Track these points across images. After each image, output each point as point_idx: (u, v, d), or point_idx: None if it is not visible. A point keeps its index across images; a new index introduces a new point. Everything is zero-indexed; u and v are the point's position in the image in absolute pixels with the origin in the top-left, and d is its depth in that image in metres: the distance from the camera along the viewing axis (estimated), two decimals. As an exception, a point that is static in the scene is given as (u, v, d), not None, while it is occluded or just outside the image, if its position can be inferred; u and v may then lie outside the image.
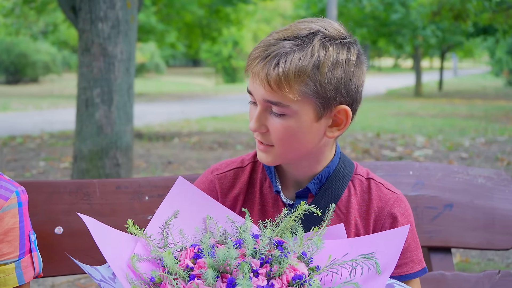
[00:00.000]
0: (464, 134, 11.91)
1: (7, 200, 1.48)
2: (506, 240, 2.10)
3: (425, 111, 18.59)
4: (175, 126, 13.54)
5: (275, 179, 1.58)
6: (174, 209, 1.46)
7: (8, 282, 1.47)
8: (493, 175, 2.19)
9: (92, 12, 5.38)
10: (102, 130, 5.48)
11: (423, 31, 27.69)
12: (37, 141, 10.77)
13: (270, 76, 1.38)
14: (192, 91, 28.75)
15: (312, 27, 1.43)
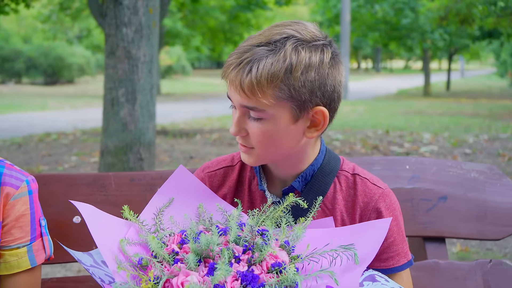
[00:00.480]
0: (468, 131, 11.83)
1: (18, 189, 1.48)
2: (497, 231, 2.09)
3: (433, 110, 18.50)
4: (198, 124, 13.59)
5: (260, 178, 1.55)
6: (170, 196, 1.45)
7: (21, 264, 1.48)
8: (485, 170, 2.17)
9: (117, 18, 5.39)
10: (127, 127, 5.50)
11: (432, 35, 27.60)
12: (70, 137, 10.87)
13: (243, 83, 1.34)
14: (216, 91, 28.79)
15: (285, 32, 1.38)
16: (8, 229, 1.47)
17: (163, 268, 1.22)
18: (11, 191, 1.47)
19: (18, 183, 1.49)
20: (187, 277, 1.18)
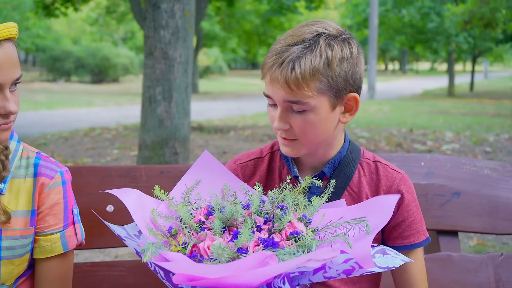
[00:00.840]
0: (490, 131, 11.66)
1: (52, 179, 1.50)
2: (508, 225, 2.07)
3: (456, 110, 18.27)
4: (232, 121, 13.63)
5: (292, 166, 1.58)
6: (197, 178, 1.48)
7: (55, 249, 1.50)
8: (498, 167, 2.15)
9: (155, 21, 5.44)
10: (163, 123, 5.55)
11: (456, 38, 27.30)
12: (113, 132, 10.98)
13: (289, 79, 1.38)
14: (250, 91, 28.85)
15: (315, 30, 1.44)
16: (43, 216, 1.49)
17: (190, 234, 1.26)
18: (46, 181, 1.49)
19: (53, 174, 1.50)
20: (213, 242, 1.21)
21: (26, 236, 1.47)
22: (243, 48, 29.74)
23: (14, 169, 1.48)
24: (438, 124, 13.11)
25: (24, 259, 1.48)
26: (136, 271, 1.90)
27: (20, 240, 1.46)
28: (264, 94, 1.48)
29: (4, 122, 1.36)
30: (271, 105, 1.49)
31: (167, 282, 1.29)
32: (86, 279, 1.88)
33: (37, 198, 1.48)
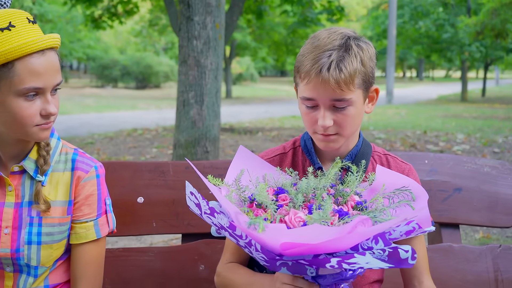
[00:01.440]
0: (499, 133, 11.46)
1: (87, 173, 1.51)
2: (507, 219, 2.04)
3: (468, 114, 18.01)
4: (261, 123, 13.64)
5: (316, 159, 1.58)
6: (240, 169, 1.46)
7: (89, 236, 1.51)
8: (498, 165, 2.12)
9: (189, 32, 5.47)
10: (195, 124, 5.58)
11: (469, 48, 26.99)
12: (153, 132, 11.07)
13: (339, 80, 1.39)
14: (279, 96, 28.86)
15: (342, 34, 1.46)
16: (78, 206, 1.50)
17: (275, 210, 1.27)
18: (82, 175, 1.50)
19: (88, 168, 1.51)
20: (297, 214, 1.23)
21: (63, 224, 1.49)
22: (272, 57, 29.75)
23: (54, 164, 1.49)
24: (451, 126, 12.94)
25: (61, 244, 1.50)
26: (162, 257, 1.91)
27: (58, 227, 1.48)
28: (305, 98, 1.46)
29: (45, 122, 1.38)
30: (310, 107, 1.47)
31: (261, 254, 1.27)
32: (118, 263, 1.90)
33: (74, 190, 1.50)
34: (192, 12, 5.38)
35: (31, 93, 1.34)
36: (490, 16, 21.22)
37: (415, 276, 1.59)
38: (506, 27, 21.41)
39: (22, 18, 1.34)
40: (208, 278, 1.89)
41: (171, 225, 1.94)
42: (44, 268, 1.48)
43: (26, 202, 1.45)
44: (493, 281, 1.95)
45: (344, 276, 1.27)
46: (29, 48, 1.31)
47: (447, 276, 1.92)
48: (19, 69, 1.31)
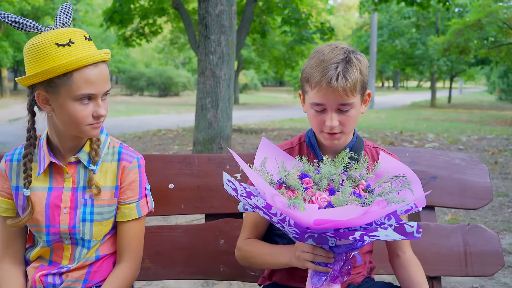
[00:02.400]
0: (463, 133, 11.43)
1: (131, 163, 1.51)
2: (474, 202, 2.04)
3: (437, 117, 17.96)
4: (264, 125, 13.61)
5: (319, 152, 1.58)
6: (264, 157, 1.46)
7: (132, 215, 1.52)
8: (466, 158, 2.11)
9: (206, 48, 5.48)
10: (211, 125, 5.59)
11: (437, 62, 26.93)
12: (174, 133, 11.06)
13: (346, 88, 1.39)
14: (278, 102, 28.77)
15: (343, 49, 1.45)
16: (123, 190, 1.51)
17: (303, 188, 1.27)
18: (126, 165, 1.51)
19: (131, 159, 1.52)
20: (321, 196, 1.24)
21: (111, 205, 1.49)
22: (273, 70, 29.65)
23: (103, 155, 1.50)
24: (423, 128, 12.89)
25: (109, 221, 1.51)
26: (189, 233, 1.92)
27: (107, 207, 1.49)
28: (315, 103, 1.45)
29: (96, 122, 1.39)
30: (319, 111, 1.46)
31: (293, 228, 1.27)
32: (154, 238, 1.90)
33: (120, 177, 1.50)
34: (209, 32, 5.40)
35: (85, 98, 1.35)
36: (455, 36, 21.14)
37: (399, 247, 1.59)
38: (468, 45, 21.34)
39: (80, 35, 1.35)
40: (227, 250, 1.89)
41: (196, 206, 1.94)
42: (95, 241, 1.49)
43: (81, 187, 1.46)
44: (463, 253, 1.96)
45: (355, 246, 1.28)
46: (85, 61, 1.32)
47: (424, 249, 1.92)
48: (76, 78, 1.32)
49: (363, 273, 1.63)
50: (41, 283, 1.45)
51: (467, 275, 1.95)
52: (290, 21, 10.97)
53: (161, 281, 3.14)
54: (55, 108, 1.36)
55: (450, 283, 3.10)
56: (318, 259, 1.31)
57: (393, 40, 27.90)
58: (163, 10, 11.79)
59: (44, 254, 1.49)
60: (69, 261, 1.48)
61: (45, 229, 1.45)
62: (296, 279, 1.58)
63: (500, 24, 20.60)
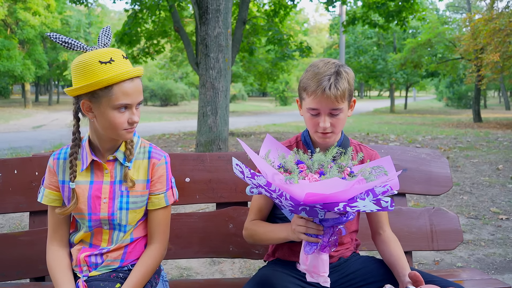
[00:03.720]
0: (418, 134, 11.55)
1: (159, 160, 1.52)
2: (438, 189, 2.06)
3: (396, 121, 18.13)
4: (252, 129, 13.61)
5: (313, 148, 1.59)
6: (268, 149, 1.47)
7: (161, 204, 1.52)
8: (430, 153, 2.14)
9: (206, 64, 5.48)
10: (211, 129, 5.59)
11: (395, 75, 27.16)
12: (176, 136, 10.99)
13: (337, 96, 1.42)
14: (262, 110, 28.80)
15: (335, 64, 1.47)
16: (154, 183, 1.51)
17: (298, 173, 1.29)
18: (156, 162, 1.50)
19: (159, 157, 1.52)
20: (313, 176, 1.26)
21: (144, 195, 1.49)
22: (257, 82, 29.68)
23: (136, 154, 1.50)
24: (385, 130, 13.00)
25: (142, 209, 1.51)
26: (203, 219, 1.92)
27: (140, 197, 1.49)
28: (311, 108, 1.47)
29: (130, 127, 1.40)
30: (314, 115, 1.48)
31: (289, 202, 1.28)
32: (174, 223, 1.89)
33: (151, 172, 1.50)
34: (209, 50, 5.40)
35: (123, 107, 1.36)
36: (410, 53, 21.41)
37: (380, 226, 1.61)
38: (421, 60, 21.63)
39: (119, 54, 1.35)
40: (235, 233, 1.91)
41: (208, 197, 1.94)
42: (130, 226, 1.50)
43: (118, 181, 1.47)
44: (429, 231, 1.98)
45: (341, 220, 1.31)
46: (123, 76, 1.32)
47: (398, 229, 1.95)
48: (116, 91, 1.33)
49: (351, 249, 1.67)
50: (85, 262, 1.46)
51: (433, 249, 1.98)
52: (274, 41, 11.01)
53: (174, 261, 3.14)
54: (97, 115, 1.37)
55: (416, 258, 3.15)
56: (310, 231, 1.34)
57: (358, 56, 28.13)
58: (166, 32, 11.74)
59: (86, 238, 1.49)
60: (107, 243, 1.48)
61: (87, 217, 1.45)
62: (296, 255, 1.60)
63: (446, 43, 20.92)
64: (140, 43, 11.57)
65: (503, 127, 14.38)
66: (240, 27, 8.50)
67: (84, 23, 29.60)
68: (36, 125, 15.92)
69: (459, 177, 5.76)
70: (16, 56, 21.80)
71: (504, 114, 24.35)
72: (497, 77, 15.71)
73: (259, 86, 34.45)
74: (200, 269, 3.02)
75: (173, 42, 13.98)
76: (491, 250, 3.28)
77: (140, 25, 10.75)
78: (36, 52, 24.34)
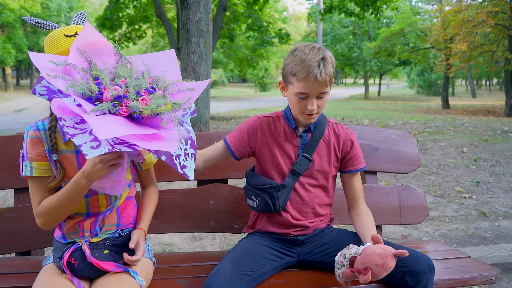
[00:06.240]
0: (390, 119, 11.73)
1: None
2: (407, 168, 2.11)
3: (370, 107, 18.35)
4: (232, 113, 13.58)
5: (293, 123, 1.60)
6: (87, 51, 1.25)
7: (152, 161, 1.58)
8: (400, 133, 2.18)
9: (188, 49, 5.41)
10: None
11: (370, 63, 27.36)
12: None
13: (325, 80, 1.43)
14: (242, 96, 28.70)
15: (319, 50, 1.46)
16: None
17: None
18: None
19: None
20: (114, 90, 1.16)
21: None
22: (237, 69, 29.50)
23: None
24: (359, 115, 13.14)
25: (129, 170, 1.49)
26: (185, 195, 1.92)
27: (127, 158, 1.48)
28: (300, 92, 1.46)
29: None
30: (302, 99, 1.48)
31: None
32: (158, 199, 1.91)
33: None
34: (190, 35, 5.33)
35: None
36: (384, 41, 21.59)
37: (355, 200, 1.64)
38: (394, 49, 21.85)
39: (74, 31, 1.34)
40: (216, 209, 1.92)
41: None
42: None
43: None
44: (398, 207, 2.04)
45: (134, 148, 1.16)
46: None
47: (369, 205, 1.97)
48: None
49: (326, 221, 1.71)
50: (89, 228, 1.42)
51: (401, 223, 2.04)
52: (253, 28, 10.93)
53: (157, 237, 3.15)
54: None
55: (385, 233, 3.24)
56: (111, 163, 1.22)
57: (334, 45, 28.21)
58: (147, 18, 11.50)
59: (81, 209, 1.42)
60: (106, 206, 1.44)
61: None
62: (275, 226, 1.64)
63: (418, 32, 21.17)
64: (122, 28, 11.31)
65: (469, 114, 14.76)
66: (220, 14, 8.40)
67: (65, 8, 28.67)
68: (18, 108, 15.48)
69: (427, 159, 5.91)
70: (-4, 40, 21.02)
71: (471, 101, 24.94)
72: (464, 65, 16.04)
73: (239, 72, 34.25)
74: (182, 244, 3.04)
75: (154, 27, 13.73)
76: (454, 225, 3.41)
77: (121, 10, 10.50)
78: (16, 36, 23.53)
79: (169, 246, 3.02)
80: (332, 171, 1.64)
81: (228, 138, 1.68)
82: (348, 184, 1.65)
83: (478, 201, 4.03)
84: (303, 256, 1.63)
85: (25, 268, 1.66)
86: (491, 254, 2.76)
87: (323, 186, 1.63)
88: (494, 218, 3.57)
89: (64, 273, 1.35)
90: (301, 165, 1.58)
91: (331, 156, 1.62)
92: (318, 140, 1.60)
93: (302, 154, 1.59)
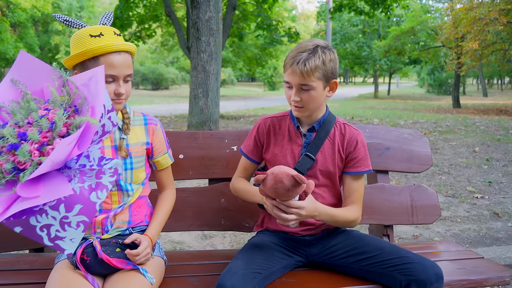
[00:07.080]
0: (400, 118, 11.65)
1: (156, 125, 1.55)
2: (418, 168, 2.09)
3: (379, 106, 18.22)
4: (241, 112, 13.58)
5: (296, 122, 1.60)
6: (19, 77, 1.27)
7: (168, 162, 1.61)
8: (412, 133, 2.16)
9: (198, 48, 5.43)
10: (203, 111, 5.57)
11: (380, 62, 27.19)
12: (168, 119, 10.91)
13: (303, 71, 1.42)
14: (251, 95, 28.69)
15: (314, 43, 1.47)
16: (157, 147, 1.55)
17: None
18: (154, 127, 1.54)
19: (155, 122, 1.56)
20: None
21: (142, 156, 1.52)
22: (246, 68, 29.48)
23: (132, 121, 1.52)
24: (369, 114, 13.07)
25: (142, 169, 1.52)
26: (197, 194, 1.93)
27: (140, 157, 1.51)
28: (285, 81, 1.50)
29: (117, 99, 1.40)
30: (288, 88, 1.50)
31: None
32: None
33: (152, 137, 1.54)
34: (200, 34, 5.34)
35: (109, 78, 1.37)
36: (394, 40, 21.43)
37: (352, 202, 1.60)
38: (404, 48, 21.68)
39: (110, 31, 1.37)
40: (227, 207, 1.92)
41: (201, 173, 1.94)
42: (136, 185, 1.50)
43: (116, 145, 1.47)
44: (410, 206, 2.02)
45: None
46: (109, 48, 1.33)
47: (381, 204, 1.98)
48: (102, 61, 1.34)
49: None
50: (100, 224, 1.44)
51: (413, 223, 2.02)
52: (263, 27, 10.92)
53: (167, 235, 3.17)
54: None
55: (396, 233, 3.22)
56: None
57: (344, 43, 28.06)
58: (157, 17, 11.55)
59: None
60: (118, 203, 1.47)
61: None
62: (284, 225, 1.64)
63: (429, 31, 20.98)
64: (132, 27, 11.37)
65: (480, 113, 14.59)
66: (230, 12, 8.40)
67: (75, 7, 28.93)
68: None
69: (438, 159, 5.85)
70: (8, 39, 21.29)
71: (482, 100, 24.66)
72: (476, 64, 15.85)
73: (248, 71, 34.23)
74: (192, 243, 3.05)
75: (164, 26, 13.78)
76: (466, 226, 3.37)
77: (131, 9, 10.55)
78: (27, 35, 23.81)
79: (180, 244, 3.03)
80: (336, 171, 1.61)
81: (243, 148, 1.70)
82: (346, 185, 1.60)
83: (491, 201, 3.98)
84: (312, 257, 1.62)
85: (39, 264, 1.68)
86: (504, 255, 2.72)
87: (328, 186, 1.61)
88: (507, 219, 3.52)
89: (78, 269, 1.36)
90: (303, 164, 1.56)
91: (335, 156, 1.59)
92: (323, 139, 1.58)
93: (305, 153, 1.57)
